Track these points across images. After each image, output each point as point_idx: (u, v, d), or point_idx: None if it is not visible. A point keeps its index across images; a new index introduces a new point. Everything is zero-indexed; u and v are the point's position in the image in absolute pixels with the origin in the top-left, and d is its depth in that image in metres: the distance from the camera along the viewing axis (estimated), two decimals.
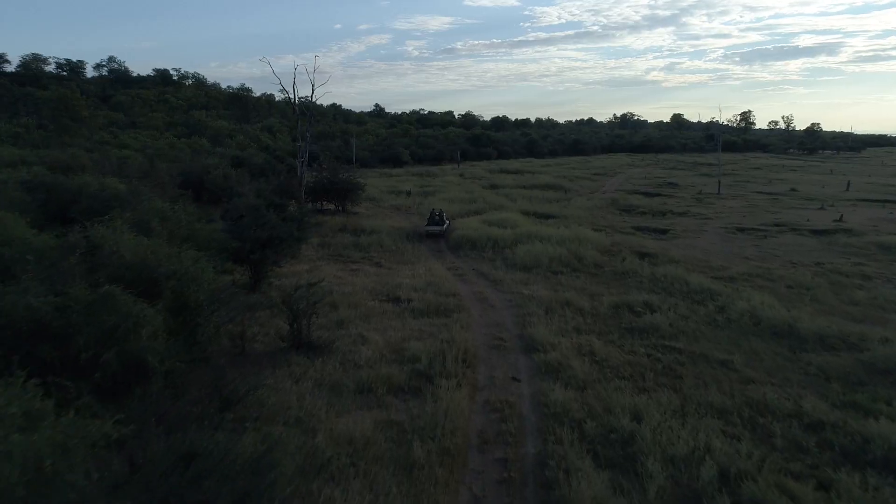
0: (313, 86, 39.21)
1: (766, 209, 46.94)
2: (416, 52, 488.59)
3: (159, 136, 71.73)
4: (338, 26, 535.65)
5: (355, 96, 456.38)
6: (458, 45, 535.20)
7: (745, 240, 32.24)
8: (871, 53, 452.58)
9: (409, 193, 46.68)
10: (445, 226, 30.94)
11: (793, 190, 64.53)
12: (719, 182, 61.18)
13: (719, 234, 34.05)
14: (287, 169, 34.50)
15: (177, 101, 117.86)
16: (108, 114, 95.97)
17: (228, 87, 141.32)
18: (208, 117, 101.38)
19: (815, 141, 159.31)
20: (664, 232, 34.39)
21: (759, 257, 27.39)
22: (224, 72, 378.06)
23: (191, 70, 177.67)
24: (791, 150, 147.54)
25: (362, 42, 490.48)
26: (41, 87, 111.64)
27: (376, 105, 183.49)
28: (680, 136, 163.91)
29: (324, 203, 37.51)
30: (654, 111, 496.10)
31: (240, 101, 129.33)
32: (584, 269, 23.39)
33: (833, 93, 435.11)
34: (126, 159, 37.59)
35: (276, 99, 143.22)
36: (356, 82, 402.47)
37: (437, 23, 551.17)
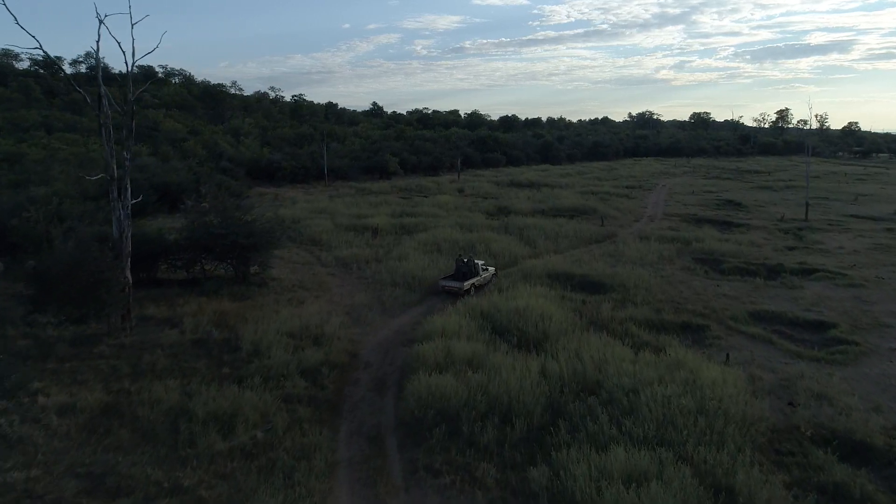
0: (127, 50, 17.39)
1: None
2: (424, 52, 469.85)
3: (80, 142, 56.28)
4: (346, 26, 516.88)
5: (363, 95, 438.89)
6: (467, 44, 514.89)
7: None
8: (883, 51, 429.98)
9: (375, 232, 30.92)
10: (472, 281, 21.99)
11: None
12: (807, 206, 45.02)
13: None
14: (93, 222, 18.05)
15: (153, 99, 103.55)
16: (53, 114, 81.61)
17: (208, 82, 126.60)
18: (167, 117, 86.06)
19: (861, 143, 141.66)
20: (821, 328, 18.52)
21: None
22: (232, 71, 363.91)
23: (193, 69, 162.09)
24: (840, 154, 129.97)
25: (371, 41, 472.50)
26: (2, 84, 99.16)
27: (374, 104, 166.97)
28: (707, 136, 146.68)
29: (206, 267, 21.63)
30: (664, 109, 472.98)
31: (212, 99, 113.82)
32: None
33: (844, 91, 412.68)
34: None
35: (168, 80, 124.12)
36: (364, 82, 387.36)
37: (446, 22, 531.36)
